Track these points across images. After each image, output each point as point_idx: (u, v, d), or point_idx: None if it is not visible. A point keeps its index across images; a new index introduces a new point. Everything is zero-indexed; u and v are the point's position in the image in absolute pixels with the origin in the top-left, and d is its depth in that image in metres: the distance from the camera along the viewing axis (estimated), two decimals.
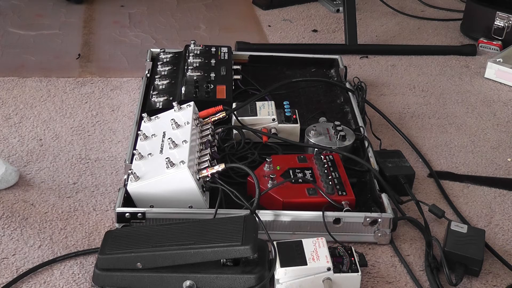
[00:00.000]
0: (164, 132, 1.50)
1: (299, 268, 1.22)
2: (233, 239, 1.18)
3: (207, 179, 1.40)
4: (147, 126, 1.56)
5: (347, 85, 1.94)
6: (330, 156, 1.54)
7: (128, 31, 2.42)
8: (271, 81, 1.93)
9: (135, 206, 1.38)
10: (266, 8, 2.66)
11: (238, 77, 1.91)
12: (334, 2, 2.68)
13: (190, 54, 1.93)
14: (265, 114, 1.68)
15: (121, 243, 1.23)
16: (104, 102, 1.92)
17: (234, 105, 1.70)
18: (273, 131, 1.66)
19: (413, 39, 2.48)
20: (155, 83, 1.83)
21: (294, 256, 1.24)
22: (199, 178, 1.39)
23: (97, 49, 2.26)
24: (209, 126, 1.57)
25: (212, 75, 1.83)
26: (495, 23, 2.38)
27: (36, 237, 1.39)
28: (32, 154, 1.66)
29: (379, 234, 1.40)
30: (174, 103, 1.57)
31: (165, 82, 1.83)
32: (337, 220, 1.38)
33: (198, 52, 1.95)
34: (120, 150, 1.69)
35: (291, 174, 1.48)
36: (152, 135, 1.51)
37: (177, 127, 1.50)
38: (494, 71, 2.16)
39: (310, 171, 1.49)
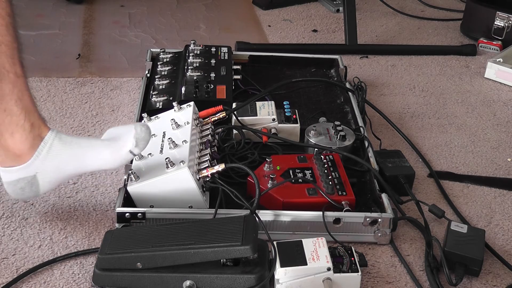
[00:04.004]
0: (164, 132, 1.50)
1: (299, 268, 1.22)
2: (233, 239, 1.18)
3: (207, 179, 1.40)
4: None
5: (347, 85, 1.94)
6: (330, 156, 1.54)
7: (128, 31, 2.42)
8: (271, 81, 1.93)
9: (135, 206, 1.38)
10: (266, 8, 2.66)
11: (238, 77, 1.91)
12: (334, 2, 2.68)
13: (190, 54, 1.93)
14: (265, 114, 1.68)
15: (121, 243, 1.22)
16: (104, 102, 1.92)
17: (234, 105, 1.70)
18: (273, 131, 1.66)
19: (413, 39, 2.47)
20: (155, 83, 1.83)
21: (294, 256, 1.24)
22: (199, 178, 1.39)
23: (97, 49, 2.26)
24: (209, 126, 1.57)
25: (212, 75, 1.83)
26: (495, 23, 2.38)
27: (36, 237, 1.39)
28: None
29: (379, 234, 1.40)
30: (174, 103, 1.57)
31: (165, 82, 1.83)
32: (337, 220, 1.38)
33: (198, 52, 1.95)
34: None
35: (291, 174, 1.48)
36: (152, 135, 1.50)
37: (177, 127, 1.50)
38: (494, 71, 2.16)
39: (310, 171, 1.49)
